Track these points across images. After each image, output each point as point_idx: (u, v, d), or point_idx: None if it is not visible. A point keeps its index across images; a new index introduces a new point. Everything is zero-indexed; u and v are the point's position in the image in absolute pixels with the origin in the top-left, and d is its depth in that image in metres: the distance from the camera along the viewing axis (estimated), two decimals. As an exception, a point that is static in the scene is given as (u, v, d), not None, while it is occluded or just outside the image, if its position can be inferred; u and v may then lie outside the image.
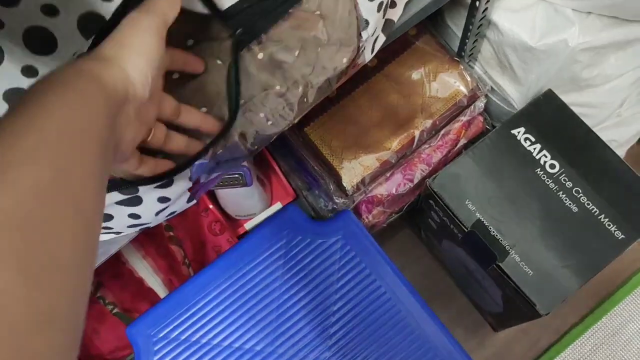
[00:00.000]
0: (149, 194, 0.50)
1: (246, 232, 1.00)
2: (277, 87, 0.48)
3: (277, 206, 1.05)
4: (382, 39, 0.60)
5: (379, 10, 0.53)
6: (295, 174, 0.97)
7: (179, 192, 0.52)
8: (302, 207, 1.01)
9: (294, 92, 0.49)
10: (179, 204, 0.54)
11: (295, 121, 0.53)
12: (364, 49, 0.54)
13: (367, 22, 0.51)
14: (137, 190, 0.49)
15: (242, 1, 0.45)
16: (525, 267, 0.76)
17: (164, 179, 0.47)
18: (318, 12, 0.49)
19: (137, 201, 0.50)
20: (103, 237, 0.59)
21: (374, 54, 0.59)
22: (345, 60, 0.51)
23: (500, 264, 0.76)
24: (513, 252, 0.77)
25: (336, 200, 0.85)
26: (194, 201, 0.55)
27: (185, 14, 0.43)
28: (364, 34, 0.51)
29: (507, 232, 0.78)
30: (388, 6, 0.60)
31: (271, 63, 0.48)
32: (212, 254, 0.97)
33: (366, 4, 0.50)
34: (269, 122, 0.50)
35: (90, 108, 0.30)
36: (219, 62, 0.46)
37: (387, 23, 0.60)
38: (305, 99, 0.50)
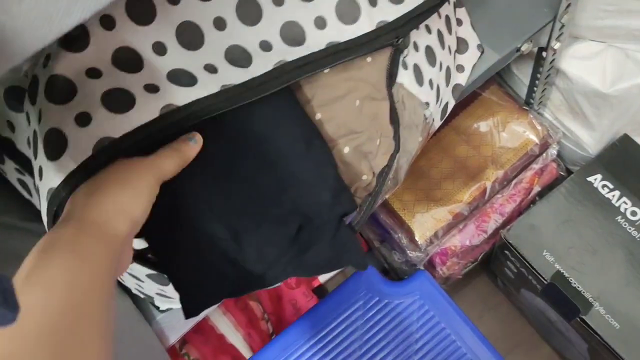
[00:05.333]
0: None
1: (320, 285, 1.02)
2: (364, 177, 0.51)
3: (350, 257, 1.06)
4: (451, 103, 0.61)
5: (432, 88, 0.54)
6: (367, 227, 0.98)
7: None
8: (375, 260, 1.02)
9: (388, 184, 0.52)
10: None
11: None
12: (433, 120, 0.56)
13: (427, 104, 0.53)
14: None
15: None
16: (612, 320, 0.74)
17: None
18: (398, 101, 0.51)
19: None
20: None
21: (444, 119, 0.60)
22: (421, 139, 0.53)
23: (584, 317, 0.74)
24: (597, 304, 0.75)
25: (409, 254, 0.85)
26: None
27: None
28: (427, 113, 0.53)
29: (589, 283, 0.76)
30: (454, 70, 0.62)
31: (358, 154, 0.50)
32: (289, 307, 0.99)
33: (419, 90, 0.52)
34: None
35: (93, 268, 0.33)
36: (357, 102, 0.49)
37: (455, 87, 0.62)
38: (397, 182, 0.53)
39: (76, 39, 0.41)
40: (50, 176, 0.40)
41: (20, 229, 0.57)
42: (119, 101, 0.40)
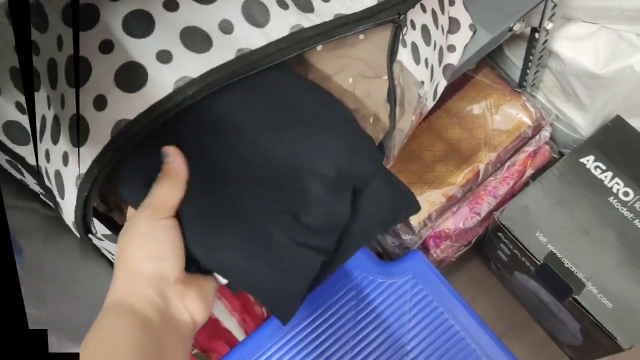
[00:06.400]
0: None
1: (315, 270, 1.02)
2: None
3: (344, 242, 1.06)
4: (443, 83, 0.61)
5: (427, 67, 0.54)
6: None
7: None
8: (369, 244, 1.02)
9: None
10: None
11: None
12: (426, 99, 0.56)
13: (422, 83, 0.53)
14: None
15: None
16: (604, 299, 0.74)
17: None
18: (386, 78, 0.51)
19: None
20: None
21: (436, 100, 0.60)
22: (414, 118, 0.53)
23: (576, 297, 0.75)
24: (590, 284, 0.75)
25: (403, 237, 0.85)
26: None
27: None
28: (421, 92, 0.53)
29: (582, 263, 0.76)
30: (446, 50, 0.61)
31: None
32: (283, 292, 1.00)
33: (415, 68, 0.52)
34: None
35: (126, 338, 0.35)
36: (350, 80, 0.48)
37: (447, 67, 0.61)
38: (389, 162, 0.53)
39: (87, 16, 0.40)
40: (75, 163, 0.40)
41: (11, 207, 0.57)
42: (132, 77, 0.38)
